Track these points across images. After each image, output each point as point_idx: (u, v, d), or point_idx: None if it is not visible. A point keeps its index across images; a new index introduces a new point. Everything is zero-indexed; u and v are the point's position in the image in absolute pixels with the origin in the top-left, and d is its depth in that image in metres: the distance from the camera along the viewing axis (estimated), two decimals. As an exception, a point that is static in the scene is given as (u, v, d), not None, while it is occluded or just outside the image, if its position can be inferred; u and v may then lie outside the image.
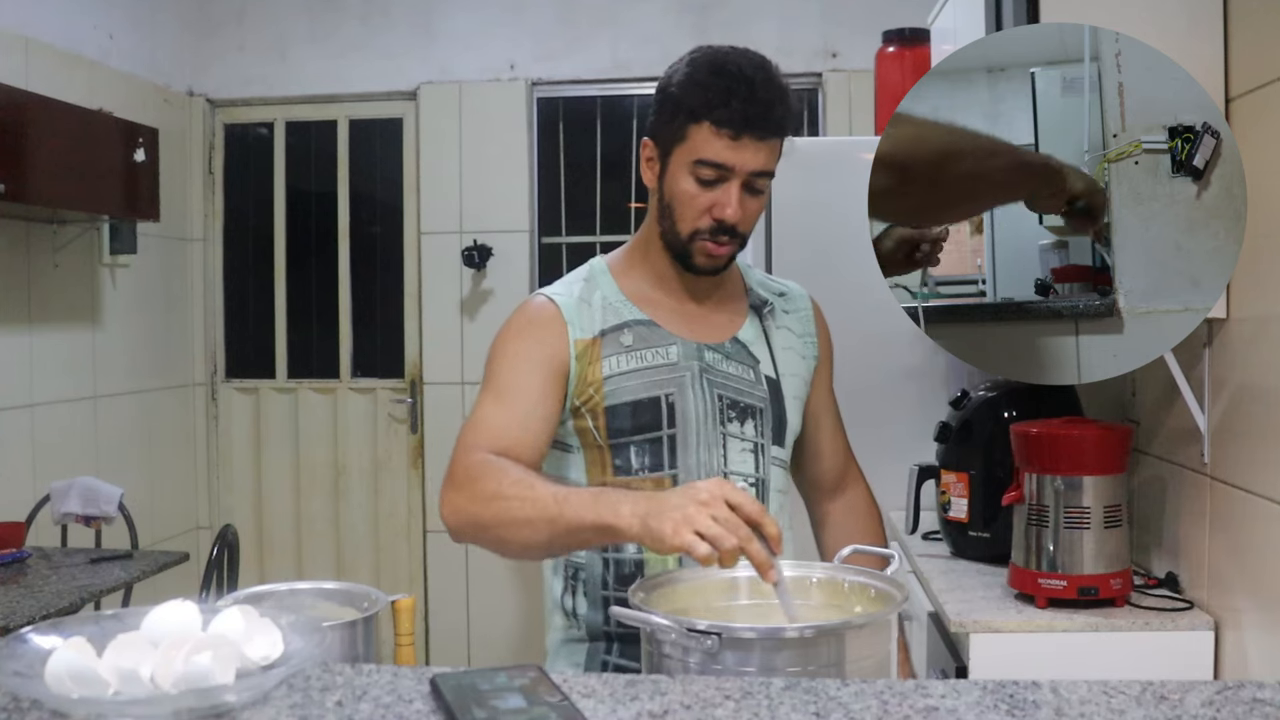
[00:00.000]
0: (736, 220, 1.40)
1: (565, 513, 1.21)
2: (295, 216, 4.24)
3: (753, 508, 1.08)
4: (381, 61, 4.06)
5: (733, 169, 1.38)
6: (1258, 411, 1.60)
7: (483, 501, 1.29)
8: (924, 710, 0.89)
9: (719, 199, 1.39)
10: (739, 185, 1.39)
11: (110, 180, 3.31)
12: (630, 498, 1.17)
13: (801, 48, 3.88)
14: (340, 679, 0.98)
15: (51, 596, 2.46)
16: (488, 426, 1.38)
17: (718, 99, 1.36)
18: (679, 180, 1.41)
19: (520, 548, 1.29)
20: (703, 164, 1.38)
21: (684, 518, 1.08)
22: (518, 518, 1.26)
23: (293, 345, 4.24)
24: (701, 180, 1.39)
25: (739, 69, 1.37)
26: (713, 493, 1.09)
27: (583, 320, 1.46)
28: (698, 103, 1.37)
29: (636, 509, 1.14)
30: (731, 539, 1.06)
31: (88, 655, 0.87)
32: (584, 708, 0.89)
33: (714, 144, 1.37)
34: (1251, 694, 0.93)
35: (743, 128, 1.36)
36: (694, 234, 1.42)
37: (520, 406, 1.40)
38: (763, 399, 1.49)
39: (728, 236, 1.42)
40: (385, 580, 4.07)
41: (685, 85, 1.39)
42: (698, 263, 1.45)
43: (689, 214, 1.41)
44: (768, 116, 1.37)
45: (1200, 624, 1.72)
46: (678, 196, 1.42)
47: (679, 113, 1.39)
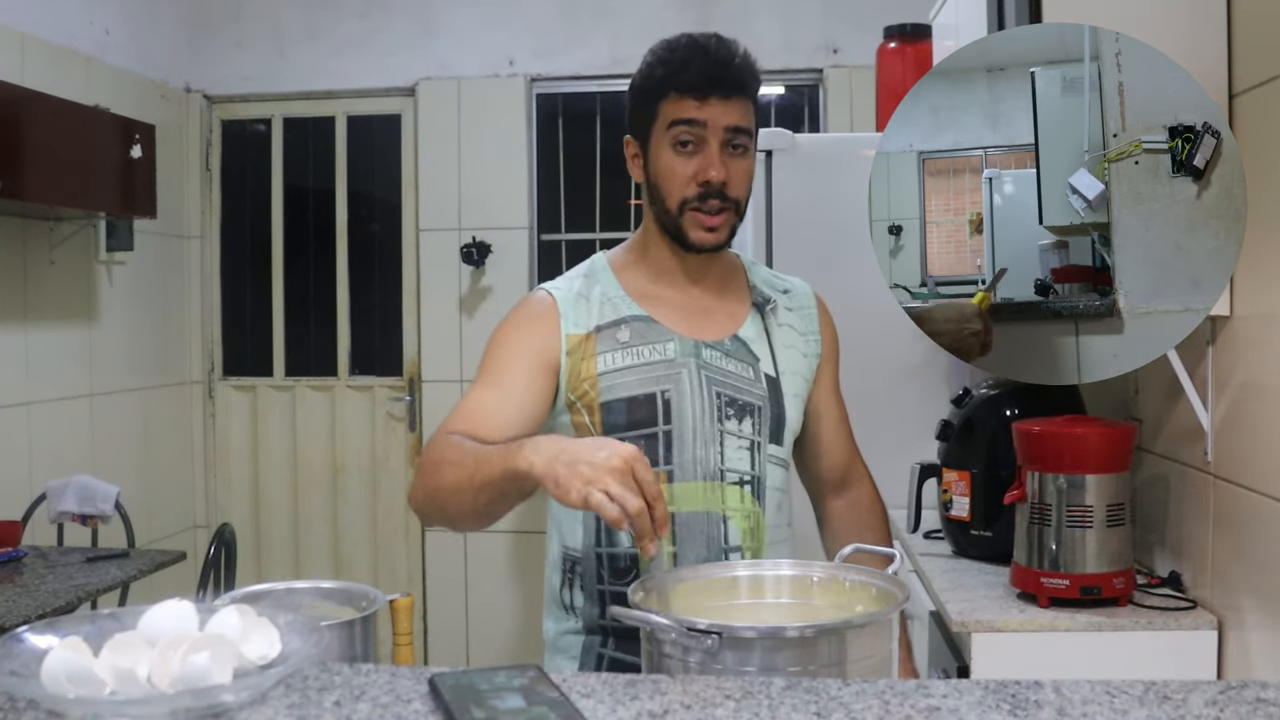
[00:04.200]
0: (722, 179, 1.43)
1: (480, 468, 1.24)
2: (293, 213, 4.23)
3: (653, 487, 1.11)
4: (380, 57, 4.05)
5: (705, 124, 1.42)
6: (1261, 409, 1.59)
7: (425, 475, 1.34)
8: (926, 710, 0.89)
9: (700, 164, 1.43)
10: (718, 145, 1.43)
11: (107, 177, 3.30)
12: (550, 444, 1.18)
13: (803, 43, 3.88)
14: (338, 679, 0.97)
15: (48, 596, 2.46)
16: (464, 409, 1.42)
17: (677, 68, 1.43)
18: (660, 156, 1.45)
19: (455, 511, 1.32)
20: (677, 124, 1.43)
21: (594, 477, 1.10)
22: (446, 481, 1.29)
23: (290, 343, 4.23)
24: (680, 144, 1.43)
25: (691, 39, 1.46)
26: (626, 459, 1.11)
27: (578, 315, 1.47)
28: (660, 78, 1.44)
29: (550, 454, 1.15)
30: (637, 501, 1.09)
31: (84, 655, 0.86)
32: (583, 707, 0.89)
33: (683, 108, 1.43)
34: (1255, 694, 0.93)
35: (706, 88, 1.42)
36: (683, 204, 1.44)
37: (504, 396, 1.43)
38: (761, 397, 1.49)
39: (718, 200, 1.44)
40: (383, 579, 4.06)
41: (647, 71, 1.47)
42: (694, 238, 1.45)
43: (675, 186, 1.44)
44: (726, 74, 1.43)
45: (1203, 623, 1.72)
46: (661, 171, 1.45)
47: (648, 96, 1.46)
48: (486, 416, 1.40)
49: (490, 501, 1.28)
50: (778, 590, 1.21)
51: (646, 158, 1.48)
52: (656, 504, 1.11)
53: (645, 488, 1.11)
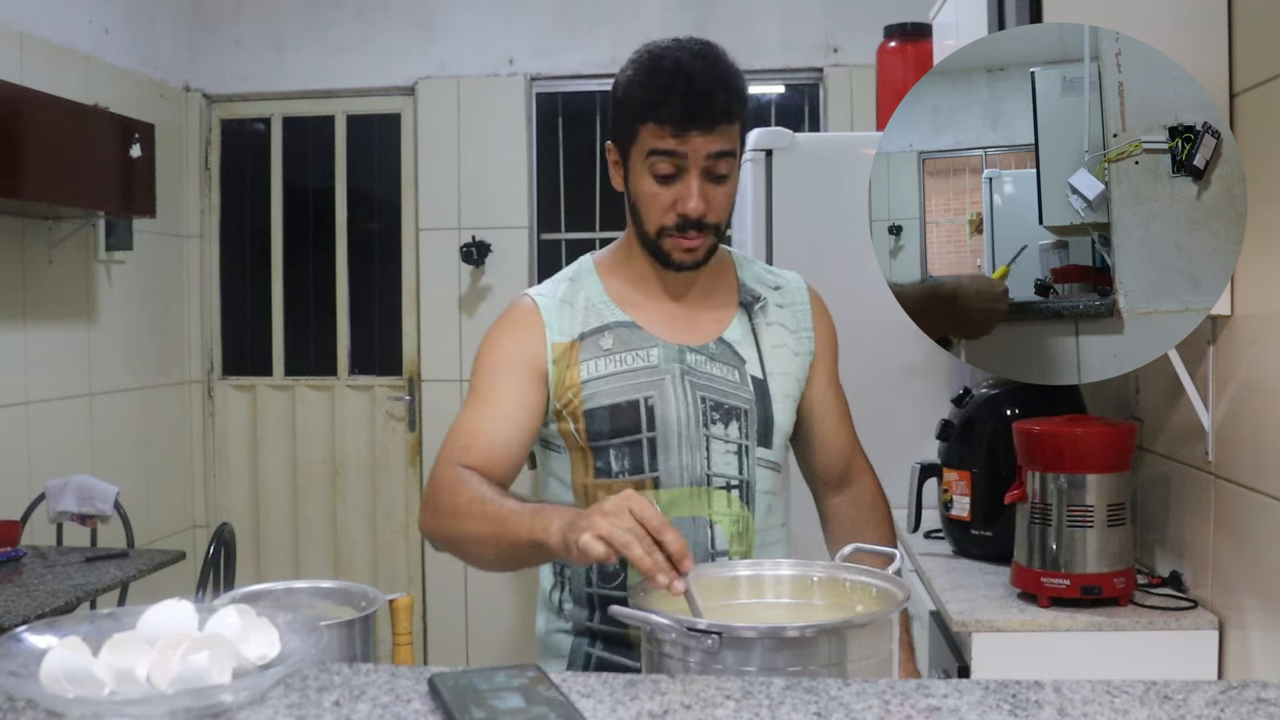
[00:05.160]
0: (700, 213, 1.40)
1: (507, 531, 1.27)
2: (292, 213, 4.23)
3: (656, 521, 1.10)
4: (379, 56, 4.05)
5: (685, 156, 1.38)
6: (1262, 409, 1.59)
7: (443, 517, 1.35)
8: (926, 710, 0.89)
9: (680, 193, 1.40)
10: (697, 176, 1.39)
11: (106, 176, 3.29)
12: (560, 515, 1.20)
13: (803, 42, 3.88)
14: (338, 679, 0.97)
15: (47, 595, 2.45)
16: (463, 435, 1.42)
17: (657, 97, 1.37)
18: (639, 180, 1.42)
19: (479, 562, 1.36)
20: (655, 154, 1.39)
21: (589, 526, 1.11)
22: (471, 534, 1.32)
23: (290, 342, 4.23)
24: (659, 175, 1.40)
25: (677, 63, 1.37)
26: (617, 504, 1.12)
27: (562, 323, 1.47)
28: (639, 104, 1.39)
29: (562, 525, 1.18)
30: (627, 537, 1.08)
31: (83, 655, 0.86)
32: (583, 707, 0.89)
33: (662, 140, 1.38)
34: (1256, 694, 0.93)
35: (685, 123, 1.36)
36: (660, 231, 1.43)
37: (496, 414, 1.43)
38: (748, 400, 1.48)
39: (696, 230, 1.41)
40: (383, 579, 4.06)
41: (627, 87, 1.41)
42: (673, 259, 1.44)
43: (653, 212, 1.42)
44: (709, 107, 1.37)
45: (1204, 623, 1.72)
46: (641, 196, 1.43)
47: (628, 115, 1.41)
48: (485, 441, 1.41)
49: (514, 559, 1.32)
50: (778, 590, 1.21)
51: (626, 173, 1.45)
52: (664, 535, 1.08)
53: (646, 523, 1.09)
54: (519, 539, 1.25)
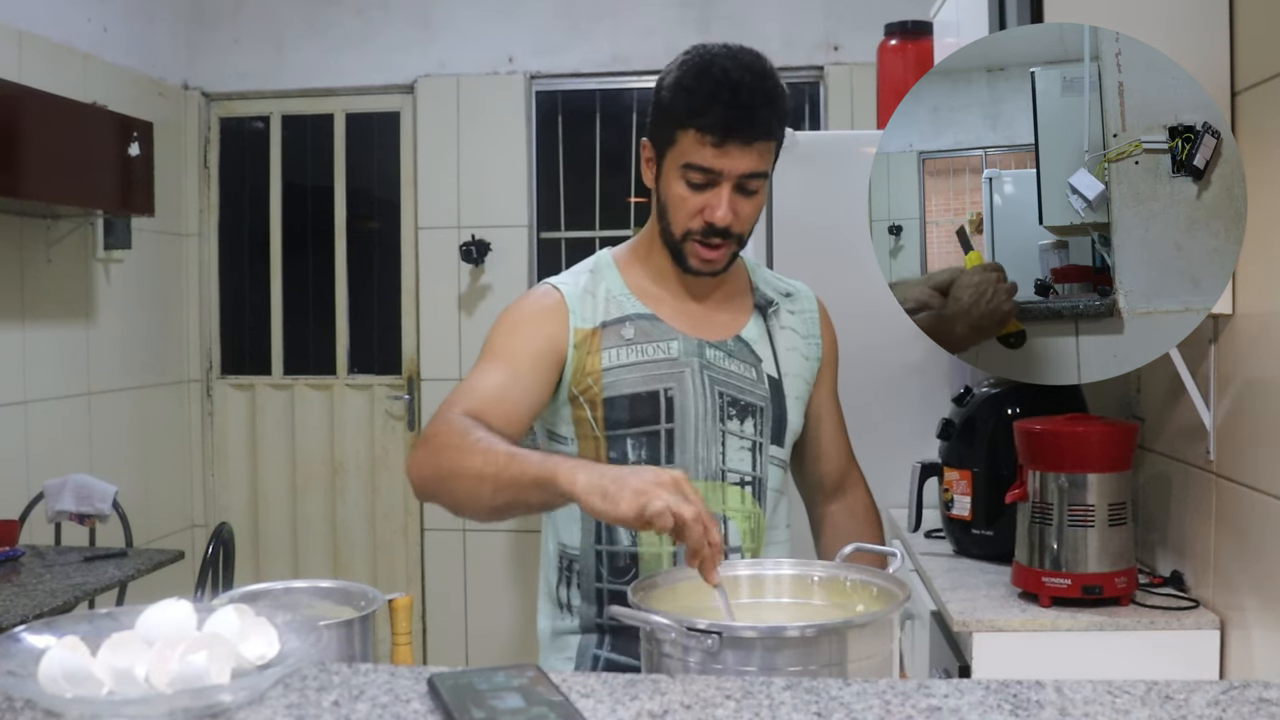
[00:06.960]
0: (727, 223, 1.41)
1: (511, 466, 1.21)
2: (291, 211, 4.22)
3: (705, 508, 1.08)
4: (378, 54, 4.05)
5: (720, 173, 1.38)
6: (1264, 408, 1.59)
7: (439, 452, 1.29)
8: (927, 710, 0.88)
9: (709, 202, 1.40)
10: (729, 188, 1.39)
11: (104, 175, 3.29)
12: (584, 465, 1.17)
13: (803, 40, 3.87)
14: (337, 678, 0.97)
15: (45, 595, 2.45)
16: (472, 387, 1.39)
17: (701, 105, 1.36)
18: (671, 183, 1.42)
19: (467, 498, 1.28)
20: (690, 168, 1.39)
21: (645, 489, 1.08)
22: (468, 467, 1.25)
23: (289, 341, 4.22)
24: (691, 184, 1.40)
25: (725, 72, 1.37)
26: (675, 477, 1.10)
27: (585, 310, 1.47)
28: (682, 109, 1.38)
29: (594, 474, 1.14)
30: (693, 507, 1.06)
31: (82, 654, 0.86)
32: (583, 707, 0.88)
33: (700, 150, 1.37)
34: (1257, 694, 0.93)
35: (726, 134, 1.36)
36: (686, 235, 1.43)
37: (509, 372, 1.41)
38: (763, 398, 1.49)
39: (720, 239, 1.42)
40: (382, 578, 4.05)
41: (673, 89, 1.40)
42: (692, 264, 1.46)
43: (680, 216, 1.43)
44: (752, 122, 1.36)
45: (1206, 623, 1.72)
46: (670, 199, 1.43)
47: (668, 117, 1.41)
48: (495, 398, 1.37)
49: (507, 502, 1.26)
50: (778, 590, 1.21)
51: (659, 171, 1.45)
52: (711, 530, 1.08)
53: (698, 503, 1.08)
54: (524, 476, 1.20)
